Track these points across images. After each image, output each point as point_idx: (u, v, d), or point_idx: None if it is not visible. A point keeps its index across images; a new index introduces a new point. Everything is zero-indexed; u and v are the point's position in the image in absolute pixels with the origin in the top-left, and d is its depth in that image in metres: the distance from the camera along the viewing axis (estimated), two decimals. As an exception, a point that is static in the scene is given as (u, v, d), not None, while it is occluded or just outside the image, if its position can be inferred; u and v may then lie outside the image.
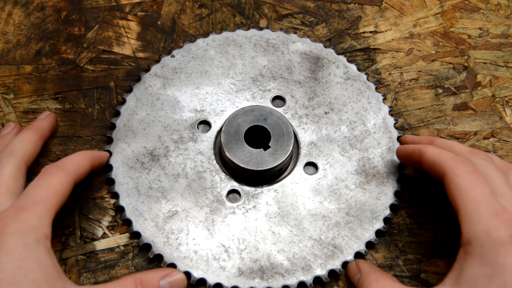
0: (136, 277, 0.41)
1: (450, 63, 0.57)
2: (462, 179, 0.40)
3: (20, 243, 0.38)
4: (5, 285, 0.36)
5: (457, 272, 0.39)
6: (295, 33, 0.57)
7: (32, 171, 0.46)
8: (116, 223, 0.48)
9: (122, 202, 0.48)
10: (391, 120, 0.52)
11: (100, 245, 0.47)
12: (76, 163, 0.44)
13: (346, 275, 0.46)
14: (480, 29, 0.58)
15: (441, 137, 0.53)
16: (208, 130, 0.51)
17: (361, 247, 0.47)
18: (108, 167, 0.49)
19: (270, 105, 0.52)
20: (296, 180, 0.49)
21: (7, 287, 0.36)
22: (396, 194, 0.49)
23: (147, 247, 0.46)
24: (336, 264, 0.46)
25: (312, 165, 0.51)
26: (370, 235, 0.47)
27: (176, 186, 0.48)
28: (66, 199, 0.42)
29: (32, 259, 0.38)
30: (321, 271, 0.46)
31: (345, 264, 0.46)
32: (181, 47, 0.55)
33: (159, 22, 0.58)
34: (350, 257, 0.46)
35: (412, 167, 0.50)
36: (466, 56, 0.57)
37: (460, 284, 0.38)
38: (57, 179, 0.42)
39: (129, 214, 0.47)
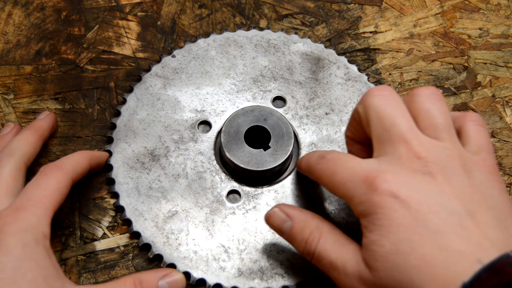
0: (135, 277, 0.41)
1: (450, 63, 0.57)
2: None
3: (19, 242, 0.38)
4: (4, 284, 0.36)
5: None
6: (295, 33, 0.57)
7: (31, 171, 0.46)
8: (116, 223, 0.48)
9: (122, 202, 0.48)
10: (391, 121, 0.52)
11: (100, 245, 0.47)
12: (74, 162, 0.44)
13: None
14: (480, 29, 0.58)
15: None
16: (208, 131, 0.51)
17: (362, 248, 0.47)
18: (108, 167, 0.49)
19: (271, 106, 0.52)
20: (297, 181, 0.49)
21: (6, 287, 0.36)
22: (397, 194, 0.49)
23: (147, 247, 0.46)
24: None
25: (312, 165, 0.50)
26: (370, 236, 0.47)
27: (176, 186, 0.48)
28: (64, 198, 0.42)
29: (31, 259, 0.38)
30: (320, 272, 0.46)
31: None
32: (181, 47, 0.55)
33: (159, 22, 0.58)
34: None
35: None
36: (466, 56, 0.57)
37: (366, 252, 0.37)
38: (55, 179, 0.42)
39: (129, 214, 0.47)
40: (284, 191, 0.49)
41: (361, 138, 0.42)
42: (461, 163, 0.37)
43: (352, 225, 0.47)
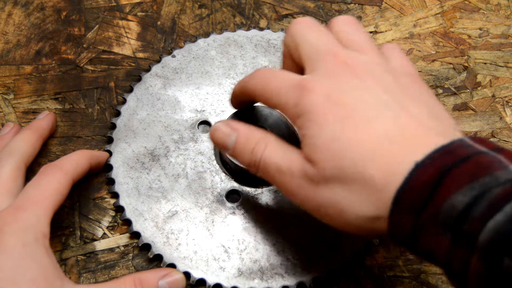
0: (135, 277, 0.41)
1: (450, 63, 0.57)
2: None
3: (18, 242, 0.38)
4: (4, 284, 0.36)
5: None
6: (295, 33, 0.57)
7: (31, 171, 0.46)
8: (116, 223, 0.48)
9: (122, 202, 0.48)
10: (391, 120, 0.52)
11: (100, 245, 0.47)
12: (74, 162, 0.45)
13: (345, 275, 0.46)
14: (480, 29, 0.58)
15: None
16: (208, 131, 0.51)
17: (361, 248, 0.47)
18: (108, 167, 0.49)
19: (271, 106, 0.52)
20: (296, 180, 0.49)
21: (6, 286, 0.36)
22: (397, 194, 0.49)
23: (147, 247, 0.46)
24: (335, 265, 0.46)
25: (312, 165, 0.50)
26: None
27: (176, 186, 0.48)
28: (64, 198, 0.42)
29: (30, 258, 0.38)
30: (320, 272, 0.46)
31: (345, 265, 0.46)
32: (182, 47, 0.55)
33: (159, 22, 0.58)
34: (350, 257, 0.46)
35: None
36: (466, 56, 0.57)
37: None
38: (55, 179, 0.42)
39: (129, 214, 0.47)
40: (284, 191, 0.49)
41: (296, 72, 0.43)
42: (386, 69, 0.38)
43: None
